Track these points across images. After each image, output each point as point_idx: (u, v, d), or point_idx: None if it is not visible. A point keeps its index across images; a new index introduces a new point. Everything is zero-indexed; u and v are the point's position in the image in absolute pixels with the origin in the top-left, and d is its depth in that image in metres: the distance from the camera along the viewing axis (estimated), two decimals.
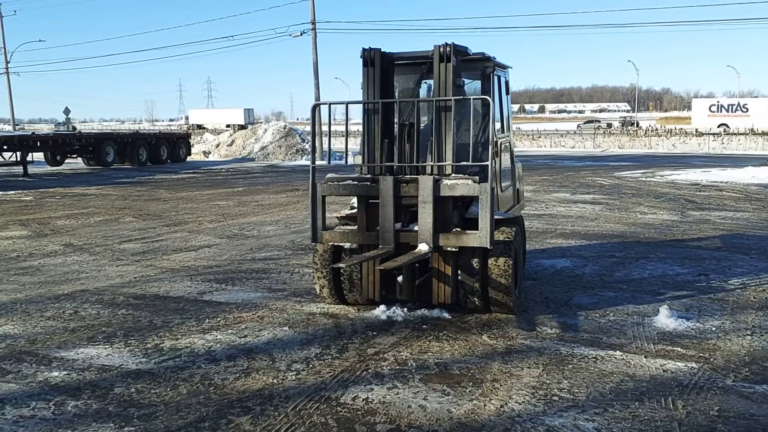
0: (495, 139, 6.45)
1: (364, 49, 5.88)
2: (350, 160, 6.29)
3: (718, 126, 46.06)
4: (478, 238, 5.48)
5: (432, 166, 5.73)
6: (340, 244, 6.02)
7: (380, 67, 5.86)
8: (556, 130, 48.78)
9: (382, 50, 5.90)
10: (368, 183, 5.79)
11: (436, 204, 5.58)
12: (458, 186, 5.54)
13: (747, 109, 50.43)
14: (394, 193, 5.66)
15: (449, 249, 5.67)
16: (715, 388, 4.34)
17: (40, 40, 72.35)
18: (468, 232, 5.61)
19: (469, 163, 5.66)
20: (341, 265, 5.44)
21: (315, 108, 6.13)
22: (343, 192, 5.93)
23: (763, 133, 37.95)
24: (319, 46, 32.17)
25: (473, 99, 5.88)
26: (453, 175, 5.66)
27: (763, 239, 9.63)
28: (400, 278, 5.86)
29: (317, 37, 32.14)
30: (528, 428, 3.80)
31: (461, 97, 5.76)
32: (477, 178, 5.51)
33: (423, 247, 5.60)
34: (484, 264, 5.75)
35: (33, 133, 28.80)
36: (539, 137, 45.94)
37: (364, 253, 5.83)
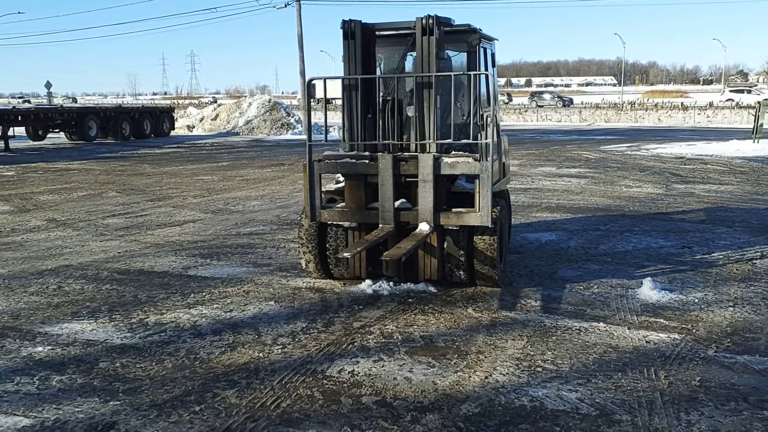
0: (489, 114, 6.42)
1: (344, 21, 5.78)
2: (336, 135, 6.22)
3: None
4: (479, 216, 5.49)
5: (417, 144, 5.68)
6: (339, 222, 5.99)
7: (361, 40, 5.77)
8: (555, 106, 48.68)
9: (362, 22, 5.81)
10: (366, 161, 5.74)
11: (436, 182, 5.56)
12: (459, 164, 5.52)
13: None
14: (393, 171, 5.62)
15: (450, 227, 5.66)
16: (697, 358, 4.40)
17: (19, 12, 70.99)
18: (467, 210, 5.61)
19: (461, 141, 5.62)
20: (346, 254, 5.38)
21: (310, 83, 6.01)
22: (341, 170, 5.89)
23: (748, 107, 38.11)
24: (303, 18, 31.83)
25: (473, 74, 5.78)
26: (453, 152, 5.64)
27: (747, 212, 9.71)
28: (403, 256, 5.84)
29: (302, 9, 31.78)
30: (512, 399, 3.84)
31: (450, 72, 5.66)
32: (477, 155, 5.49)
33: (424, 227, 5.59)
34: (470, 239, 5.76)
35: (14, 107, 28.35)
36: (526, 111, 45.90)
37: (365, 237, 5.79)
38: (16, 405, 3.86)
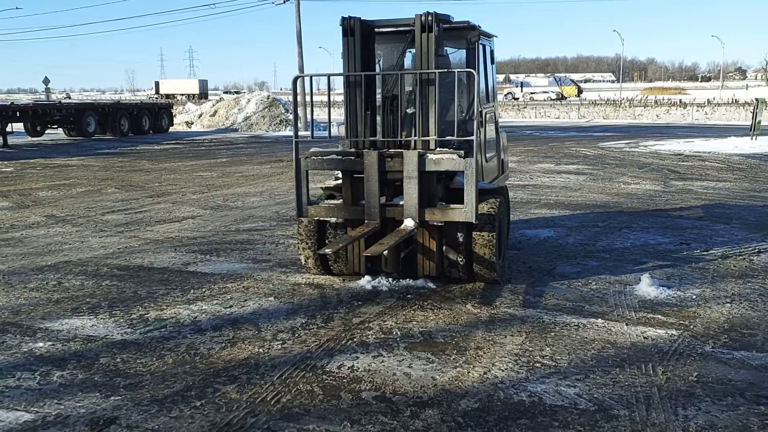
0: (480, 110, 6.43)
1: (343, 18, 5.79)
2: (333, 131, 6.24)
3: None
4: (464, 212, 5.50)
5: (415, 141, 5.70)
6: (326, 219, 6.02)
7: (360, 37, 5.78)
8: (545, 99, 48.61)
9: (361, 19, 5.82)
10: (353, 157, 5.75)
11: (422, 179, 5.58)
12: (443, 161, 5.53)
13: None
14: (379, 167, 5.64)
15: (435, 224, 5.68)
16: (695, 354, 4.43)
17: (17, 8, 70.65)
18: (453, 206, 5.62)
19: (455, 137, 5.64)
20: (327, 250, 5.43)
21: (296, 80, 6.04)
22: (328, 167, 5.90)
23: (746, 104, 38.14)
24: (302, 15, 31.73)
25: (458, 71, 5.81)
26: (438, 149, 5.64)
27: (745, 209, 9.74)
28: (385, 251, 5.88)
29: (301, 5, 31.69)
30: (511, 394, 3.86)
31: (443, 69, 5.67)
32: (462, 152, 5.49)
33: (409, 223, 5.61)
34: (468, 236, 5.78)
35: (12, 103, 28.28)
36: (524, 107, 45.91)
37: (349, 233, 5.82)
38: (18, 400, 3.88)
